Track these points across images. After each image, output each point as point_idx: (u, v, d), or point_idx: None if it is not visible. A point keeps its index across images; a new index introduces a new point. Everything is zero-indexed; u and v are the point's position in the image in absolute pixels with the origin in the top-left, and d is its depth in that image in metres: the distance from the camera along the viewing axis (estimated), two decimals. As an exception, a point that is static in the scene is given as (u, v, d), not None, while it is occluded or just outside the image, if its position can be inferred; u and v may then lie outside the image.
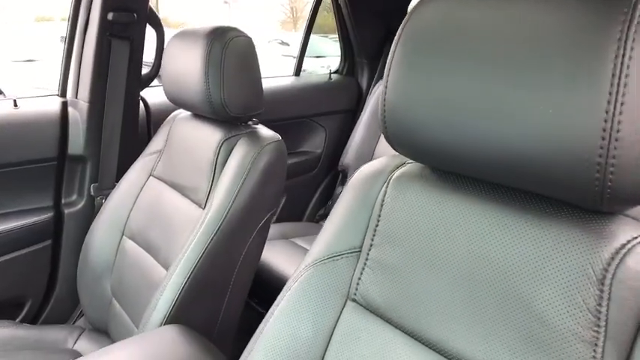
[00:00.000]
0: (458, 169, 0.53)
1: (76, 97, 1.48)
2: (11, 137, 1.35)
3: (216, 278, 1.01)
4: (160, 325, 0.93)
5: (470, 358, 0.51)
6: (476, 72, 0.47)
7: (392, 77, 0.55)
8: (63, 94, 1.50)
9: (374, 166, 0.67)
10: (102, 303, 1.27)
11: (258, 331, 0.66)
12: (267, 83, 1.85)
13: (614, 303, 0.44)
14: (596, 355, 0.44)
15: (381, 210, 0.62)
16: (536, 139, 0.43)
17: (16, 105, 1.40)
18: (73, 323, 1.42)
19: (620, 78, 0.39)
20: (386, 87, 0.56)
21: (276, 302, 0.67)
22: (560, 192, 0.45)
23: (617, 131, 0.39)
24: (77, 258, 1.34)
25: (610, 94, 0.40)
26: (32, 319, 1.42)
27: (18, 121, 1.37)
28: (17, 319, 1.37)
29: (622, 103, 0.39)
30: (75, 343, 1.21)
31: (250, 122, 1.18)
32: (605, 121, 0.40)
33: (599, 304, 0.44)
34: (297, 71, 2.18)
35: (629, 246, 0.45)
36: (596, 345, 0.44)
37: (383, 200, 0.62)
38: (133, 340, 0.83)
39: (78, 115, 1.45)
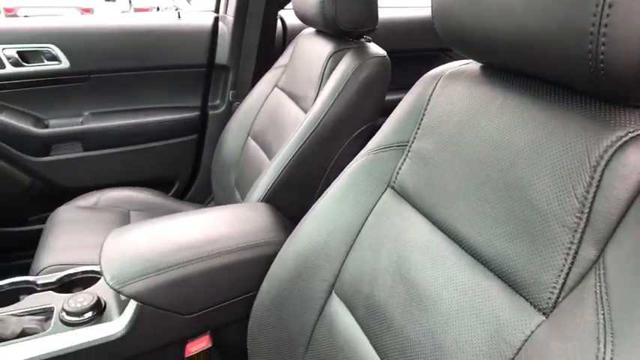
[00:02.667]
0: (485, 57, 0.56)
1: (225, 13, 1.69)
2: (173, 44, 1.63)
3: (307, 177, 1.14)
4: (256, 203, 1.11)
5: (469, 241, 0.55)
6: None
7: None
8: (216, 10, 1.73)
9: (435, 69, 0.71)
10: (227, 192, 1.51)
11: (312, 207, 0.78)
12: (401, 13, 1.85)
13: (602, 191, 0.44)
14: (573, 241, 0.45)
15: (427, 105, 0.67)
16: (537, 13, 0.44)
17: (179, 17, 1.66)
18: (207, 204, 1.72)
19: None
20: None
21: (332, 184, 0.78)
22: (559, 72, 0.45)
23: None
24: (214, 152, 1.61)
25: None
26: (179, 196, 1.76)
27: (179, 31, 1.64)
28: (169, 194, 1.71)
29: None
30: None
31: (363, 39, 1.24)
32: None
33: (587, 192, 0.44)
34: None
35: (628, 137, 0.44)
36: (575, 231, 0.45)
37: (430, 97, 0.66)
38: (227, 206, 1.03)
39: (226, 29, 1.67)
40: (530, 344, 0.45)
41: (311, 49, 1.30)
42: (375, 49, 1.18)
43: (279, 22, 1.71)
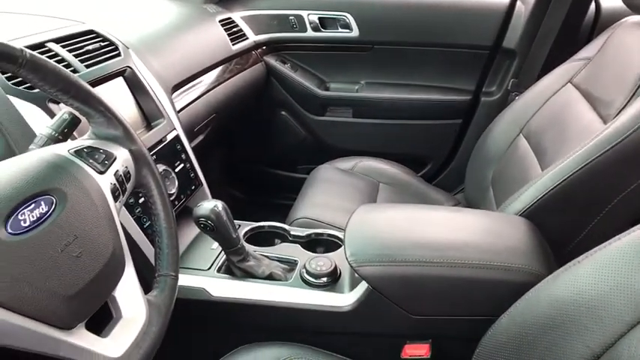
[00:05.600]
0: None
1: (526, -8, 1.50)
2: (459, 22, 1.54)
3: (588, 201, 0.93)
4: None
5: None
6: None
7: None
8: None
9: None
10: (480, 187, 1.39)
11: (594, 249, 0.62)
12: None
13: None
14: None
15: None
16: None
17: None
18: (455, 194, 1.63)
19: None
20: None
21: (632, 228, 0.60)
22: None
23: None
24: (476, 141, 1.49)
25: None
26: (428, 178, 1.72)
27: (469, 8, 1.54)
28: (418, 174, 1.68)
29: None
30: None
31: None
32: None
33: None
34: None
35: None
36: None
37: None
38: (481, 211, 0.92)
39: (523, 9, 1.49)
40: None
41: (632, 45, 1.04)
42: None
43: (592, 5, 1.44)
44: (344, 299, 0.86)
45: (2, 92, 0.78)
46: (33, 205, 0.50)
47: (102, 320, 0.57)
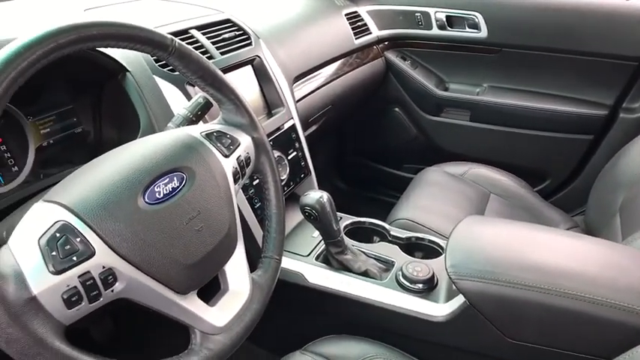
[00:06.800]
0: None
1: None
2: (604, 28, 1.40)
3: None
4: None
5: None
6: None
7: None
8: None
9: None
10: (605, 213, 1.26)
11: None
12: None
13: None
14: None
15: None
16: None
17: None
18: (574, 216, 1.50)
19: None
20: None
21: None
22: None
23: None
24: (607, 161, 1.35)
25: None
26: (546, 195, 1.60)
27: (619, 14, 1.39)
28: (534, 188, 1.57)
29: None
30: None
31: None
32: None
33: None
34: None
35: None
36: None
37: None
38: (605, 241, 0.84)
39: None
40: None
41: None
42: None
43: None
44: (438, 309, 0.84)
45: (150, 72, 0.87)
46: (167, 180, 0.56)
47: (210, 291, 0.62)
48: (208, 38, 1.04)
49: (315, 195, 0.87)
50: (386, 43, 1.74)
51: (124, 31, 0.53)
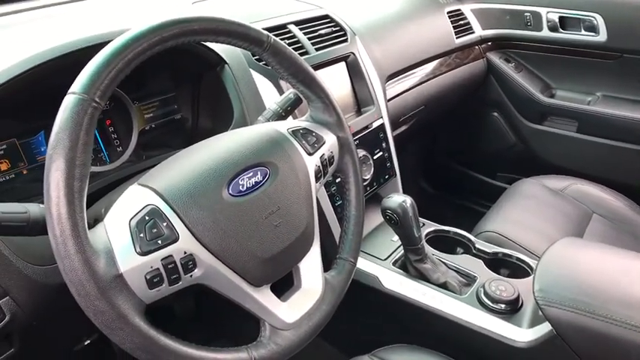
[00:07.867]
0: None
1: None
2: None
3: None
4: None
5: None
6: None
7: None
8: None
9: None
10: None
11: None
12: None
13: None
14: None
15: None
16: None
17: None
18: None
19: None
20: None
21: None
22: None
23: None
24: None
25: None
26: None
27: None
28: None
29: None
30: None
31: None
32: None
33: None
34: None
35: None
36: None
37: None
38: None
39: None
40: None
41: None
42: None
43: None
44: (521, 334, 0.78)
45: (246, 65, 0.90)
46: (251, 173, 0.57)
47: (283, 286, 0.63)
48: (305, 34, 1.05)
49: (398, 199, 0.85)
50: (489, 43, 1.65)
51: (223, 27, 0.55)
